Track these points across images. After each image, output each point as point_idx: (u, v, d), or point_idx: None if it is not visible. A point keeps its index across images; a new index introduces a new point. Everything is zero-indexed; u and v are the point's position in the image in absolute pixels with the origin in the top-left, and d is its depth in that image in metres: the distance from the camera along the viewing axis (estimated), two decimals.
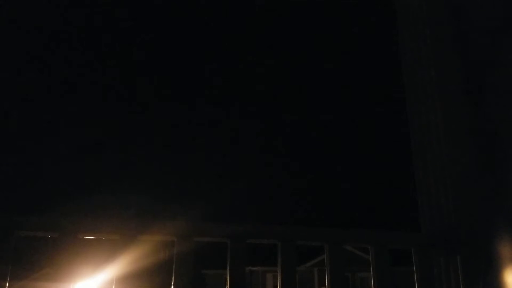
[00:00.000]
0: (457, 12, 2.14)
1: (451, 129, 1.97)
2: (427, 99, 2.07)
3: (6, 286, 1.42)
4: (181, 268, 1.56)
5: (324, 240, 1.73)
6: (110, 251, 1.54)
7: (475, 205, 1.87)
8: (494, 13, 2.02)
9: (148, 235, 1.58)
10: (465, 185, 1.90)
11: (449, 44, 2.11)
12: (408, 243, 1.86)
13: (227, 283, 1.59)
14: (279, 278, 1.64)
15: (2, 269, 1.43)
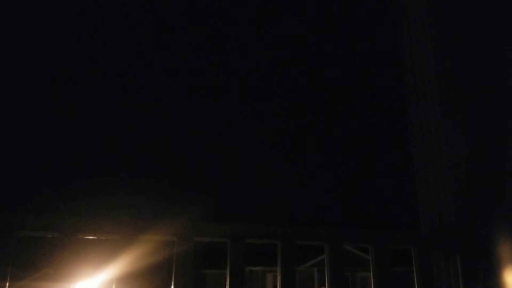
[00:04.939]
0: (457, 12, 2.14)
1: (451, 129, 1.97)
2: (427, 99, 2.07)
3: (6, 286, 1.42)
4: (181, 268, 1.57)
5: (324, 240, 1.73)
6: (110, 251, 1.54)
7: (475, 205, 1.87)
8: (494, 13, 2.02)
9: (148, 235, 1.58)
10: (465, 185, 1.90)
11: (449, 44, 2.11)
12: (408, 243, 1.86)
13: (227, 283, 1.59)
14: (279, 278, 1.64)
15: (2, 269, 1.43)
